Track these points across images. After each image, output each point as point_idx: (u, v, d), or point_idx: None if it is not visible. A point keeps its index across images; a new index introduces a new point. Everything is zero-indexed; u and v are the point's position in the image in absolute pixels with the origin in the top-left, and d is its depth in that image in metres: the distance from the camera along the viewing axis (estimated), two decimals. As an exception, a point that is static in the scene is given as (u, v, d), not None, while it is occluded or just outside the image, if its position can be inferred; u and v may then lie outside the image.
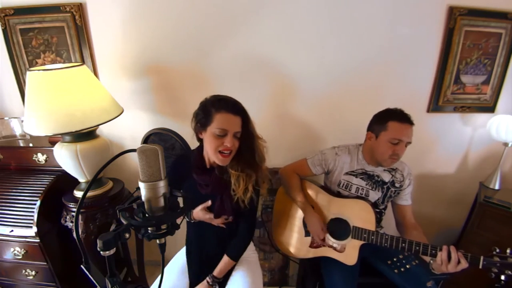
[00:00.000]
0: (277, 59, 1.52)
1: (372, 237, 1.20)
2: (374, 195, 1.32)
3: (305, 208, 1.31)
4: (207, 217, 1.09)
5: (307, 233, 1.37)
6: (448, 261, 1.02)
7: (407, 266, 1.24)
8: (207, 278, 1.09)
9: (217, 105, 0.98)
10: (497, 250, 1.02)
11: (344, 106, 1.63)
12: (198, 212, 1.09)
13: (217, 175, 1.04)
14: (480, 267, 1.01)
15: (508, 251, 1.01)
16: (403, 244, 1.13)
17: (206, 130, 1.00)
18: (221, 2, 1.42)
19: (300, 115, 1.64)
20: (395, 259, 1.28)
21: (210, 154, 1.02)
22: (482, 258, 1.01)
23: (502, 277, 1.00)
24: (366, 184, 1.31)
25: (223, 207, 1.06)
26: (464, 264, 1.01)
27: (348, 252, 1.26)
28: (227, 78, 1.54)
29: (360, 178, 1.32)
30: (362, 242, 1.23)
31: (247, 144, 1.01)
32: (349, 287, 1.21)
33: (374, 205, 1.31)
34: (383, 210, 1.36)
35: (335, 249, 1.29)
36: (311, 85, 1.57)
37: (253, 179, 1.03)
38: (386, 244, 1.17)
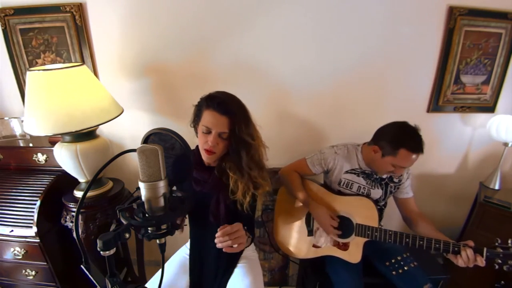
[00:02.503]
0: (276, 59, 1.52)
1: (376, 233, 1.20)
2: (375, 194, 1.32)
3: (309, 203, 1.30)
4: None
5: (310, 233, 1.37)
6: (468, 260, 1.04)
7: (405, 268, 1.24)
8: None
9: (207, 102, 0.98)
10: (499, 241, 1.05)
11: (344, 106, 1.63)
12: None
13: (216, 175, 1.04)
14: (484, 258, 1.02)
15: (509, 241, 1.03)
16: (407, 239, 1.14)
17: (198, 125, 1.01)
18: (221, 3, 1.42)
19: (299, 115, 1.64)
20: (393, 261, 1.29)
21: (200, 149, 1.03)
22: (485, 249, 1.02)
23: (505, 268, 1.02)
24: (367, 183, 1.32)
25: (218, 206, 1.05)
26: (480, 263, 1.02)
27: (352, 250, 1.26)
28: (226, 77, 1.54)
29: (362, 177, 1.32)
30: (365, 240, 1.24)
31: (234, 147, 0.99)
32: (357, 283, 1.22)
33: (375, 202, 1.31)
34: (383, 207, 1.37)
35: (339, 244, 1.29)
36: (311, 84, 1.57)
37: (250, 185, 1.01)
38: (390, 240, 1.18)
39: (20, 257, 1.34)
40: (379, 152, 1.23)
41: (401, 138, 1.17)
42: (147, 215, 0.56)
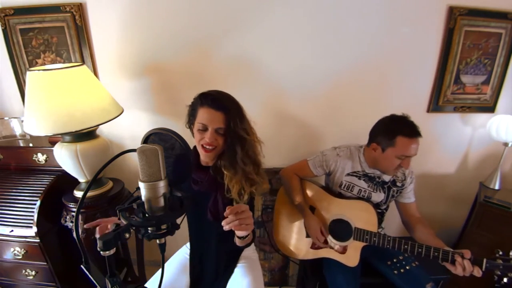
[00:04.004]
0: (276, 58, 1.52)
1: (374, 238, 1.20)
2: (376, 197, 1.31)
3: (303, 211, 1.31)
4: None
5: (309, 234, 1.37)
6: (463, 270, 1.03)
7: (407, 267, 1.24)
8: None
9: (201, 100, 0.99)
10: (500, 253, 1.03)
11: (344, 106, 1.63)
12: None
13: (212, 174, 1.04)
14: (483, 269, 1.01)
15: (511, 253, 1.02)
16: (406, 246, 1.13)
17: (194, 124, 1.02)
18: (221, 3, 1.42)
19: (298, 115, 1.64)
20: (395, 260, 1.28)
21: (197, 148, 1.03)
22: (485, 260, 1.01)
23: (505, 280, 1.00)
24: (368, 186, 1.31)
25: (217, 205, 1.05)
26: (477, 273, 1.01)
27: (349, 254, 1.26)
28: (226, 77, 1.54)
29: (363, 180, 1.31)
30: (364, 244, 1.23)
31: (229, 143, 0.99)
32: (352, 287, 1.21)
33: (376, 205, 1.31)
34: (384, 211, 1.36)
35: (335, 250, 1.29)
36: (311, 84, 1.57)
37: (245, 181, 1.00)
38: (388, 246, 1.17)
39: (20, 257, 1.34)
40: (378, 148, 1.22)
41: (393, 126, 1.19)
42: (147, 215, 0.56)
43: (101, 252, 0.53)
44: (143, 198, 0.55)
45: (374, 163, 1.28)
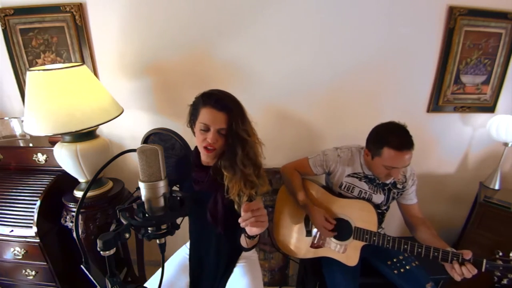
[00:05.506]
0: (277, 58, 1.52)
1: (374, 238, 1.20)
2: (377, 199, 1.31)
3: (306, 205, 1.30)
4: None
5: (308, 233, 1.37)
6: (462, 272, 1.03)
7: (407, 267, 1.24)
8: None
9: (204, 100, 0.98)
10: (500, 254, 1.03)
11: (344, 106, 1.63)
12: None
13: (212, 175, 1.03)
14: (483, 270, 1.01)
15: (511, 254, 1.02)
16: (405, 246, 1.13)
17: (195, 124, 1.01)
18: (222, 3, 1.42)
19: (299, 116, 1.64)
20: (395, 260, 1.28)
21: (199, 148, 1.03)
22: (484, 261, 1.01)
23: (504, 281, 1.00)
24: (369, 188, 1.30)
25: (216, 205, 1.05)
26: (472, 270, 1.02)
27: (349, 253, 1.26)
28: (227, 77, 1.54)
29: (364, 181, 1.31)
30: (363, 243, 1.23)
31: (230, 144, 0.98)
32: (351, 287, 1.21)
33: (376, 206, 1.30)
34: (385, 211, 1.36)
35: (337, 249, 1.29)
36: (311, 84, 1.57)
37: (243, 183, 0.99)
38: (388, 246, 1.17)
39: (20, 257, 1.34)
40: (369, 155, 1.22)
41: (383, 136, 1.16)
42: (147, 215, 0.56)
43: (101, 252, 0.53)
44: (143, 198, 0.55)
45: (367, 166, 1.29)
